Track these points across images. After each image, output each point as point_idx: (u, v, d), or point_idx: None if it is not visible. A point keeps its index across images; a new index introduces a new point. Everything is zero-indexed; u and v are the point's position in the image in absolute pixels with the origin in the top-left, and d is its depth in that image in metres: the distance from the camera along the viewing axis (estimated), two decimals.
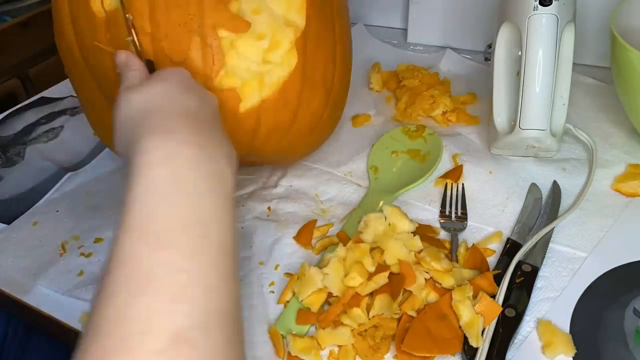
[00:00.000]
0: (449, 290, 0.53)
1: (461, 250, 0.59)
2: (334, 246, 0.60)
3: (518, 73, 0.65)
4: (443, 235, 0.63)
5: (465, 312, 0.51)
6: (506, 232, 0.62)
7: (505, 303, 0.53)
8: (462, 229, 0.63)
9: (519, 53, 0.65)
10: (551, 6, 0.61)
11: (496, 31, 0.69)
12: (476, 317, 0.50)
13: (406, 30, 1.00)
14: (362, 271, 0.54)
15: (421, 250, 0.56)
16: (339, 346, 0.51)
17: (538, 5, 0.62)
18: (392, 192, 0.67)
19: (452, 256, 0.59)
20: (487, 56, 0.74)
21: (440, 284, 0.54)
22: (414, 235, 0.58)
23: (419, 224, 0.62)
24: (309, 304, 0.54)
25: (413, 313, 0.52)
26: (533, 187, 0.67)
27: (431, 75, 0.85)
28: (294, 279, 0.57)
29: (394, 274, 0.54)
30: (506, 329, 0.51)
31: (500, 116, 0.70)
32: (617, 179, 0.66)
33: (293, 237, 0.63)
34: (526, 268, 0.56)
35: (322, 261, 0.58)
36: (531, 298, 0.54)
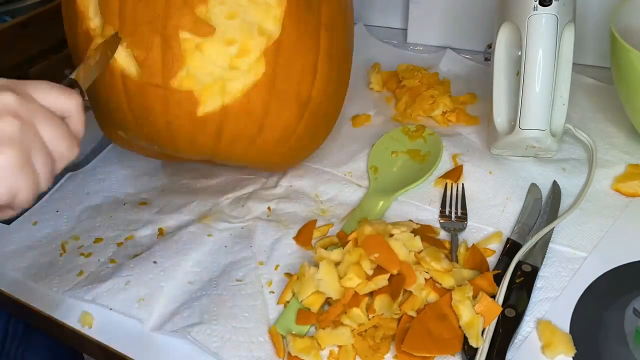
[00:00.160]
0: (449, 290, 0.53)
1: (461, 250, 0.59)
2: (334, 246, 0.60)
3: (518, 73, 0.65)
4: (443, 235, 0.63)
5: (465, 312, 0.51)
6: (506, 232, 0.62)
7: (505, 303, 0.53)
8: (462, 229, 0.63)
9: (519, 53, 0.64)
10: (551, 6, 0.61)
11: (496, 31, 0.69)
12: (476, 317, 0.50)
13: (406, 30, 1.00)
14: (360, 272, 0.54)
15: (421, 250, 0.56)
16: (339, 346, 0.51)
17: (538, 5, 0.61)
18: (392, 192, 0.67)
19: (452, 256, 0.59)
20: (487, 56, 0.74)
21: (440, 284, 0.54)
22: (414, 235, 0.58)
23: (419, 224, 0.62)
24: (309, 305, 0.54)
25: (413, 313, 0.52)
26: (533, 187, 0.67)
27: (431, 75, 0.85)
28: (294, 280, 0.57)
29: (394, 275, 0.54)
30: (506, 329, 0.51)
31: (500, 116, 0.70)
32: (617, 179, 0.66)
33: (293, 237, 0.63)
34: (526, 268, 0.56)
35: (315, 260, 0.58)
36: (531, 298, 0.54)
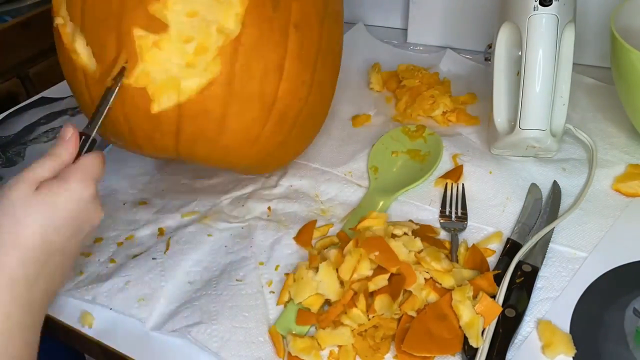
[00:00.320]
0: (449, 290, 0.53)
1: (461, 250, 0.59)
2: (334, 245, 0.60)
3: (518, 73, 0.65)
4: (443, 235, 0.63)
5: (465, 312, 0.51)
6: (506, 232, 0.62)
7: (505, 303, 0.53)
8: (462, 229, 0.63)
9: (519, 53, 0.64)
10: (551, 6, 0.61)
11: (496, 31, 0.69)
12: (476, 317, 0.50)
13: (406, 30, 1.00)
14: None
15: (421, 250, 0.56)
16: (339, 346, 0.51)
17: (538, 5, 0.62)
18: (392, 192, 0.67)
19: (452, 256, 0.59)
20: (487, 56, 0.74)
21: (440, 284, 0.54)
22: (414, 235, 0.58)
23: (419, 224, 0.62)
24: (309, 305, 0.54)
25: (413, 313, 0.52)
26: (533, 187, 0.67)
27: (431, 75, 0.85)
28: (290, 281, 0.57)
29: (394, 275, 0.54)
30: (506, 329, 0.51)
31: (500, 116, 0.70)
32: (617, 179, 0.66)
33: (293, 237, 0.63)
34: (526, 268, 0.56)
35: (311, 262, 0.58)
36: (531, 298, 0.54)
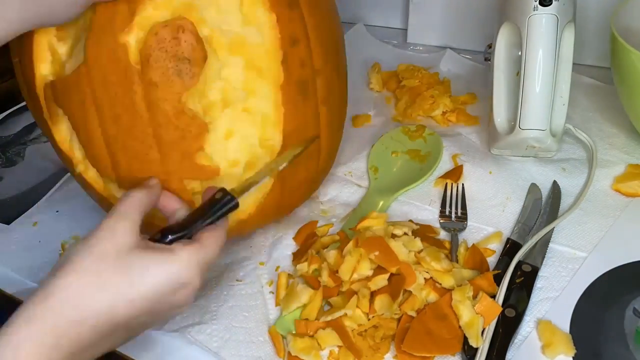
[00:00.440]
0: (449, 290, 0.53)
1: (461, 250, 0.59)
2: (335, 244, 0.60)
3: (518, 73, 0.65)
4: (443, 235, 0.63)
5: (465, 312, 0.51)
6: (506, 232, 0.62)
7: (505, 303, 0.53)
8: (462, 229, 0.63)
9: (519, 53, 0.64)
10: (551, 6, 0.61)
11: (496, 31, 0.69)
12: (476, 317, 0.50)
13: (406, 30, 1.00)
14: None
15: (421, 250, 0.56)
16: (339, 346, 0.51)
17: (538, 5, 0.61)
18: (392, 192, 0.67)
19: (452, 256, 0.59)
20: (487, 56, 0.74)
21: (440, 284, 0.54)
22: (414, 235, 0.58)
23: (419, 224, 0.62)
24: (306, 315, 0.53)
25: (413, 313, 0.52)
26: (533, 187, 0.67)
27: (431, 75, 0.85)
28: (284, 279, 0.57)
29: (394, 275, 0.54)
30: (506, 329, 0.51)
31: (500, 116, 0.70)
32: (617, 179, 0.66)
33: (293, 238, 0.63)
34: (526, 268, 0.56)
35: (311, 263, 0.57)
36: (531, 298, 0.54)
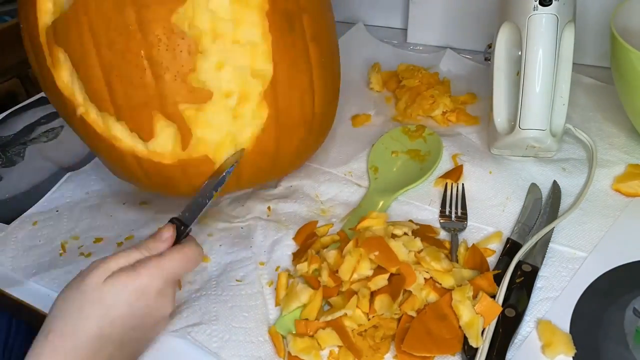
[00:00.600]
0: (449, 290, 0.53)
1: (461, 250, 0.59)
2: (335, 244, 0.60)
3: (518, 73, 0.65)
4: (443, 235, 0.63)
5: (465, 312, 0.51)
6: (506, 232, 0.62)
7: (505, 303, 0.53)
8: (462, 229, 0.63)
9: (519, 53, 0.64)
10: (551, 6, 0.61)
11: (496, 31, 0.69)
12: (476, 317, 0.50)
13: (406, 30, 1.00)
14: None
15: (421, 250, 0.56)
16: (339, 346, 0.51)
17: (538, 5, 0.61)
18: (392, 192, 0.67)
19: (452, 256, 0.59)
20: (487, 56, 0.74)
21: (440, 284, 0.54)
22: (414, 235, 0.58)
23: (419, 224, 0.62)
24: (306, 315, 0.53)
25: (413, 313, 0.52)
26: (533, 187, 0.67)
27: (431, 75, 0.85)
28: (284, 279, 0.57)
29: (394, 275, 0.54)
30: (506, 329, 0.51)
31: (500, 116, 0.70)
32: (617, 179, 0.66)
33: (293, 238, 0.63)
34: (526, 268, 0.56)
35: (311, 263, 0.58)
36: (531, 298, 0.54)
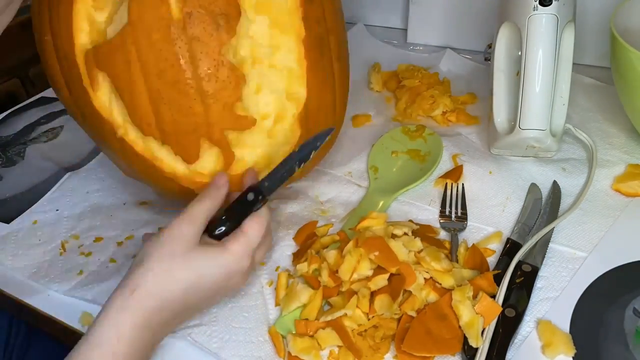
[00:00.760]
0: (449, 290, 0.53)
1: (461, 250, 0.59)
2: (335, 244, 0.60)
3: (518, 73, 0.65)
4: (443, 235, 0.63)
5: (465, 312, 0.51)
6: (506, 232, 0.62)
7: (505, 303, 0.53)
8: (462, 229, 0.63)
9: (519, 53, 0.64)
10: (551, 6, 0.61)
11: (496, 31, 0.69)
12: (476, 317, 0.50)
13: (406, 30, 1.00)
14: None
15: (421, 250, 0.56)
16: (339, 346, 0.51)
17: (538, 5, 0.61)
18: (392, 192, 0.67)
19: (452, 256, 0.59)
20: (487, 56, 0.74)
21: (440, 284, 0.54)
22: (414, 235, 0.58)
23: (419, 224, 0.62)
24: (306, 315, 0.53)
25: (413, 313, 0.52)
26: (533, 187, 0.67)
27: (431, 75, 0.85)
28: (283, 279, 0.57)
29: (394, 275, 0.54)
30: (506, 329, 0.51)
31: (500, 116, 0.70)
32: (617, 179, 0.66)
33: (293, 238, 0.63)
34: (526, 268, 0.56)
35: (310, 263, 0.58)
36: (531, 298, 0.54)
